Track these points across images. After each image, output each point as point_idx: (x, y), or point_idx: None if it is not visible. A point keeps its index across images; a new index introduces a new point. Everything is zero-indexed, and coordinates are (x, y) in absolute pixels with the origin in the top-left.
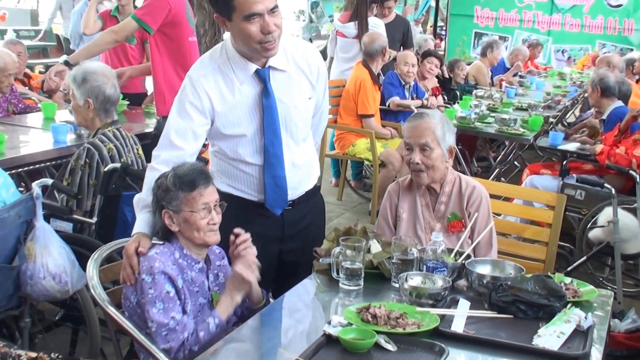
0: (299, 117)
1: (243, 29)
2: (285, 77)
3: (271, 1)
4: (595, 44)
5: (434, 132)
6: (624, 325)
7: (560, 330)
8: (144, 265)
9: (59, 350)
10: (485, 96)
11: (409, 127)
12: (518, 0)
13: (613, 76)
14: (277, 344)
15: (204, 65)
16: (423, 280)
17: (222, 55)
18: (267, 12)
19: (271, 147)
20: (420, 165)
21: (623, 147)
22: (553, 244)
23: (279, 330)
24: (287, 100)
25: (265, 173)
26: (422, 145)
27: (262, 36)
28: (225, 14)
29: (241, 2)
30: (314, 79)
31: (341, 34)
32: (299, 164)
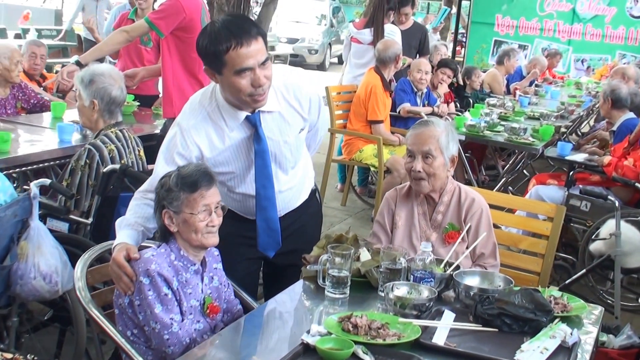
0: (289, 150)
1: (234, 83)
2: (276, 116)
3: (262, 54)
4: (616, 55)
5: (438, 140)
6: (618, 341)
7: (544, 346)
8: (140, 268)
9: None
10: (497, 104)
11: (412, 135)
12: (539, 9)
13: (626, 87)
14: (253, 351)
15: (194, 113)
16: (409, 290)
17: (211, 102)
18: (258, 66)
19: (263, 190)
20: (421, 174)
21: (631, 159)
22: (549, 255)
23: (259, 337)
24: (277, 137)
25: (257, 217)
26: (425, 152)
27: (253, 89)
28: (215, 68)
29: (233, 57)
30: (306, 112)
31: (356, 40)
32: (285, 190)
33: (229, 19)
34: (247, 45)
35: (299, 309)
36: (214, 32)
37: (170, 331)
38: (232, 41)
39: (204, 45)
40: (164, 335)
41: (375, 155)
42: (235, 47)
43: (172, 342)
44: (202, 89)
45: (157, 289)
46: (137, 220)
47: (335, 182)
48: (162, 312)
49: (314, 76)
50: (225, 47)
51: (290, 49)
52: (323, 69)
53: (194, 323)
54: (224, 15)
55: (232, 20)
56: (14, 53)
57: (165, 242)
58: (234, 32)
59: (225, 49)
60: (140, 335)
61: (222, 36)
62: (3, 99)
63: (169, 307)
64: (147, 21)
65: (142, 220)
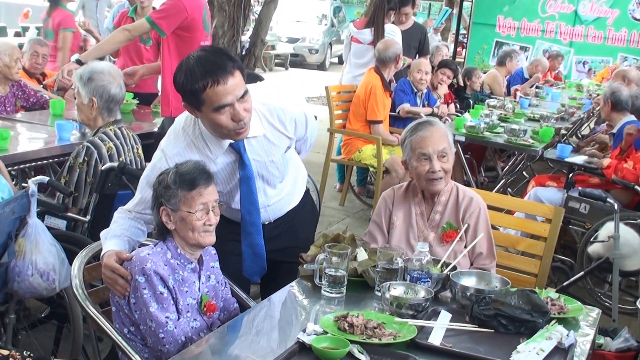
0: (276, 167)
1: (213, 119)
2: (261, 139)
3: (240, 89)
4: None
5: (447, 137)
6: (615, 344)
7: (540, 347)
8: (135, 267)
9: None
10: (497, 106)
11: (422, 138)
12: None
13: (626, 90)
14: (249, 349)
15: (178, 140)
16: (406, 290)
17: (194, 130)
18: (237, 101)
19: (248, 216)
20: (440, 173)
21: (631, 162)
22: (547, 257)
23: (255, 335)
24: (263, 159)
25: (243, 242)
26: (441, 152)
27: (234, 124)
28: (194, 105)
29: (210, 95)
30: (291, 133)
31: (356, 39)
32: (273, 203)
33: (204, 54)
34: (223, 82)
35: (296, 308)
36: (189, 69)
37: (166, 330)
38: (208, 79)
39: (181, 83)
40: (159, 334)
41: (374, 155)
42: (212, 86)
43: (168, 341)
44: (186, 113)
45: (152, 288)
46: (123, 232)
47: (334, 182)
48: (157, 311)
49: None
50: (202, 86)
51: (291, 49)
52: (323, 69)
53: (191, 321)
54: (199, 50)
55: (206, 56)
56: (14, 50)
57: (162, 240)
58: (209, 70)
59: (202, 87)
60: (137, 333)
61: (197, 74)
62: (2, 96)
63: (164, 306)
64: (148, 20)
65: (127, 232)
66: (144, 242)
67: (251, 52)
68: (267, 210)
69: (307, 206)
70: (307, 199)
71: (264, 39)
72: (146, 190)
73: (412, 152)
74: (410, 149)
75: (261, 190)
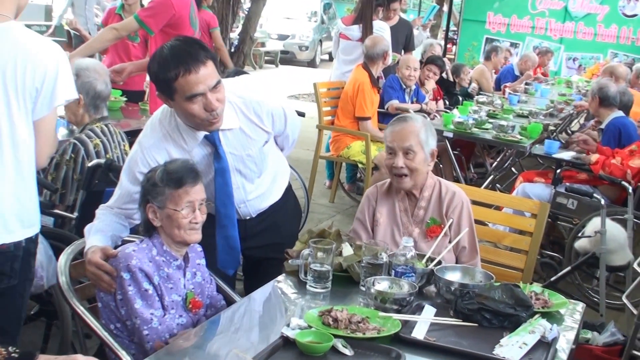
0: (253, 162)
1: (186, 108)
2: (237, 132)
3: (212, 78)
4: (607, 53)
5: (418, 135)
6: (602, 339)
7: (523, 341)
8: (120, 263)
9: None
10: (486, 102)
11: (391, 131)
12: (531, 7)
13: (614, 86)
14: (233, 344)
15: (155, 131)
16: (390, 285)
17: (170, 122)
18: (209, 90)
19: (223, 209)
20: (403, 170)
21: (619, 158)
22: (533, 252)
23: (239, 330)
24: (239, 152)
25: (217, 234)
26: (406, 149)
27: (206, 114)
28: (167, 94)
29: (182, 84)
30: (268, 127)
31: (344, 36)
32: (252, 198)
33: (177, 44)
34: (195, 71)
35: (281, 303)
36: (162, 58)
37: (150, 326)
38: (180, 68)
39: (154, 72)
40: (144, 331)
41: (363, 151)
42: (184, 74)
43: (151, 338)
44: (163, 106)
45: (137, 284)
46: (106, 227)
47: (324, 179)
48: (142, 308)
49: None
50: (174, 75)
51: (281, 46)
52: (314, 66)
53: (177, 318)
54: (173, 40)
55: (179, 45)
56: None
57: (148, 237)
58: (181, 59)
59: (174, 76)
60: (123, 329)
61: (170, 63)
62: None
63: (149, 303)
64: (136, 19)
65: (110, 228)
66: (129, 239)
67: (240, 49)
68: (247, 206)
69: (290, 202)
70: (290, 195)
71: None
72: (126, 184)
73: (385, 145)
74: (385, 141)
75: (239, 185)
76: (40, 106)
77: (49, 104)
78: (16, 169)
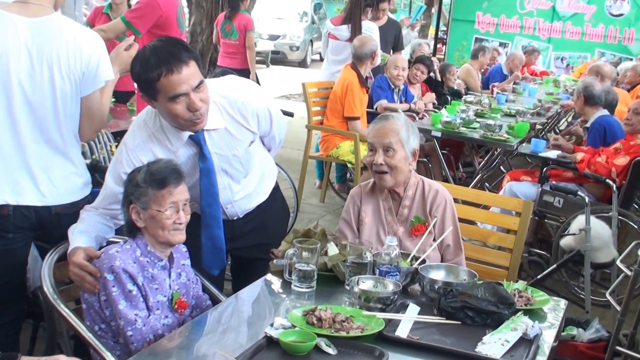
0: (239, 162)
1: (169, 109)
2: (222, 132)
3: (195, 78)
4: (595, 52)
5: (398, 134)
6: (587, 335)
7: (505, 338)
8: (104, 264)
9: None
10: (474, 102)
11: (373, 129)
12: (520, 7)
13: (599, 85)
14: (217, 344)
15: (140, 132)
16: (374, 284)
17: (155, 122)
18: (192, 90)
19: (208, 209)
20: (383, 167)
21: (604, 156)
22: (518, 250)
23: (224, 330)
24: (225, 152)
25: (203, 234)
26: (386, 146)
27: (190, 114)
28: (150, 95)
29: (165, 84)
30: (254, 127)
31: (333, 36)
32: (239, 199)
33: (159, 44)
34: (177, 71)
35: (266, 303)
36: (145, 59)
37: (134, 327)
38: (162, 68)
39: (136, 72)
40: (128, 332)
41: (352, 151)
42: (166, 74)
43: (135, 339)
44: (148, 106)
45: (121, 285)
46: (90, 228)
47: (314, 179)
48: (126, 309)
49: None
50: (156, 75)
51: (272, 46)
52: (305, 66)
53: (162, 318)
54: (155, 40)
55: (161, 45)
56: None
57: (132, 238)
58: (164, 59)
59: (157, 76)
60: (107, 330)
61: (152, 63)
62: None
63: (133, 304)
64: (123, 20)
65: (94, 229)
66: (113, 240)
67: None
68: (233, 206)
69: (278, 203)
70: (277, 195)
71: None
72: (111, 185)
73: (368, 142)
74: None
75: (226, 185)
76: (85, 86)
77: (92, 84)
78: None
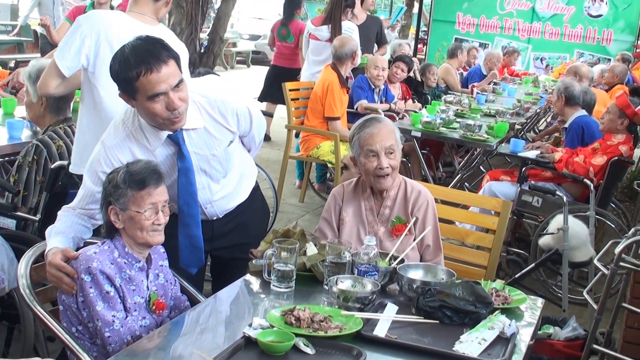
0: (218, 162)
1: (148, 108)
2: (201, 132)
3: (174, 78)
4: (574, 53)
5: (395, 134)
6: (564, 333)
7: (482, 337)
8: (81, 265)
9: None
10: (454, 102)
11: (369, 134)
12: (500, 8)
13: (578, 85)
14: (195, 345)
15: (118, 131)
16: (353, 283)
17: (134, 122)
18: (171, 89)
19: (186, 208)
20: (388, 169)
21: (582, 156)
22: (496, 249)
23: (202, 331)
24: (204, 152)
25: (180, 232)
26: (389, 148)
27: (168, 113)
28: (129, 93)
29: (144, 83)
30: (233, 126)
31: (314, 36)
32: (218, 199)
33: (138, 43)
34: (157, 70)
35: (244, 303)
36: (124, 58)
37: (112, 329)
38: (142, 67)
39: (115, 71)
40: (105, 333)
41: (333, 151)
42: (145, 74)
43: (113, 340)
44: (127, 106)
45: (98, 287)
46: (67, 229)
47: (294, 179)
48: (103, 310)
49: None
50: (135, 74)
51: (252, 46)
52: None
53: (140, 320)
54: (134, 39)
55: (141, 45)
56: None
57: (110, 239)
58: (143, 58)
59: (136, 75)
60: (85, 332)
61: (131, 62)
62: None
63: (110, 305)
64: None
65: (72, 229)
66: (91, 241)
67: (210, 49)
68: (213, 206)
69: (257, 203)
70: (257, 195)
71: (223, 37)
72: (89, 185)
73: (361, 149)
74: (359, 146)
75: (205, 185)
76: None
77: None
78: None
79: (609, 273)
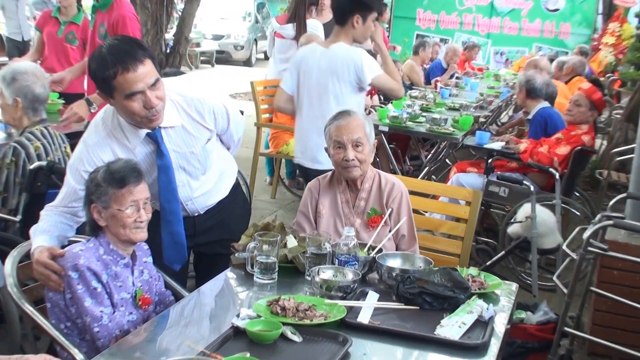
0: (196, 159)
1: (126, 106)
2: (179, 130)
3: (151, 76)
4: (532, 47)
5: (364, 128)
6: (535, 318)
7: (462, 321)
8: (68, 263)
9: None
10: (419, 97)
11: (338, 126)
12: (459, 3)
13: (540, 78)
14: (185, 337)
15: (98, 131)
16: (334, 273)
17: (113, 120)
18: (148, 88)
19: (167, 205)
20: (354, 162)
21: (546, 146)
22: (468, 238)
23: (189, 323)
24: (183, 150)
25: (162, 230)
26: (356, 141)
27: (146, 111)
28: (106, 92)
29: (121, 82)
30: (210, 124)
31: (279, 35)
32: (198, 195)
33: (115, 43)
34: (133, 69)
35: (229, 295)
36: (101, 57)
37: (100, 324)
38: (118, 66)
39: (93, 71)
40: (94, 328)
41: None
42: (122, 72)
43: (102, 335)
44: (106, 106)
45: (86, 283)
46: (51, 228)
47: (264, 176)
48: (91, 305)
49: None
50: (112, 73)
51: (216, 46)
52: (249, 65)
53: (127, 315)
54: (111, 39)
55: (117, 44)
56: None
57: (94, 236)
58: (119, 57)
59: (113, 74)
60: (73, 328)
61: (108, 62)
62: None
63: (98, 300)
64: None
65: (55, 228)
66: (76, 239)
67: (175, 49)
68: (193, 203)
69: (238, 199)
70: (238, 192)
71: (188, 37)
72: (71, 183)
73: (330, 140)
74: (329, 137)
75: (185, 182)
76: None
77: None
78: None
79: (577, 258)
